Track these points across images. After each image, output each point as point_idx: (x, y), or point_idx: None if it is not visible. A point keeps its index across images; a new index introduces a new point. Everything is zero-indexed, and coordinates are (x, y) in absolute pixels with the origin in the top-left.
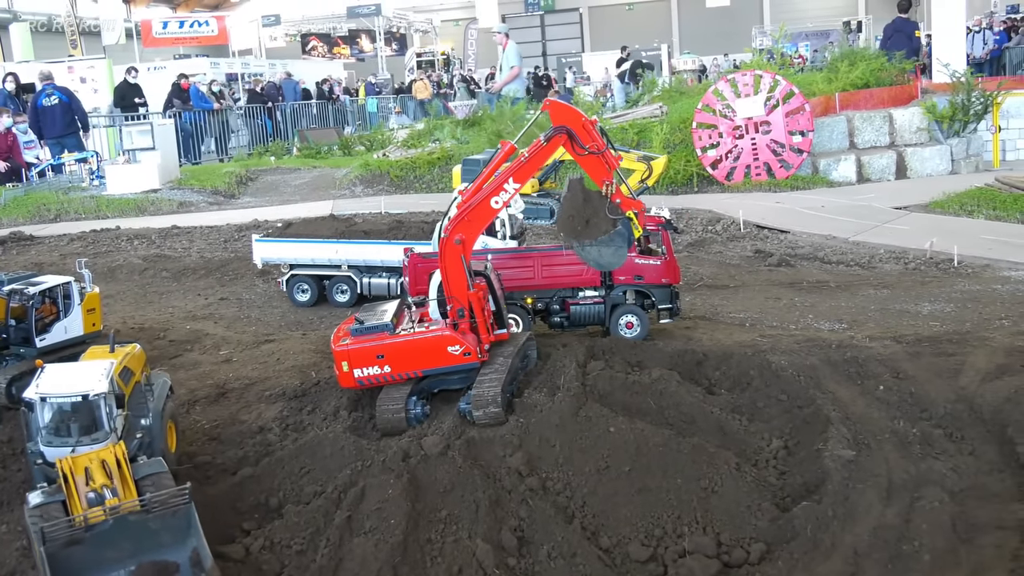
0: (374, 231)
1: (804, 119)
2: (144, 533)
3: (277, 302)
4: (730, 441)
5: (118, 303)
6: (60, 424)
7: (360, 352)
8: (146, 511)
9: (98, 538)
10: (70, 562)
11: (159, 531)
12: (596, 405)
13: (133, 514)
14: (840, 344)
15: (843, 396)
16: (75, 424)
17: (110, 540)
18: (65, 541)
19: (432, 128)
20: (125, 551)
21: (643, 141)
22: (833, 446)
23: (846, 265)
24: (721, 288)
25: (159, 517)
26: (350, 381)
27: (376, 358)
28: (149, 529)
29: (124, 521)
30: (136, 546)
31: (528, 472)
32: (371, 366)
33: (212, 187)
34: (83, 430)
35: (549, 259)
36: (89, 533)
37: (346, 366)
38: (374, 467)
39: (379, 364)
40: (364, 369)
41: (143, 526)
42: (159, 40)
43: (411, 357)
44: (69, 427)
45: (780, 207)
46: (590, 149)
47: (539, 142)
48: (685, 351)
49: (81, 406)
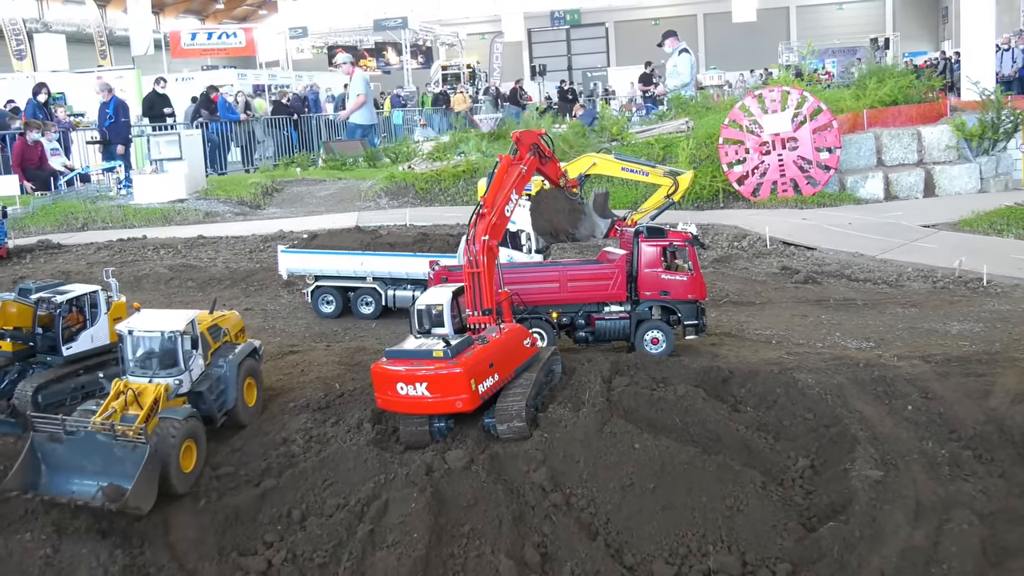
0: (399, 243)
1: (832, 136)
2: (111, 457)
3: (302, 313)
4: (756, 460)
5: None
6: (143, 357)
7: (480, 364)
8: (113, 436)
9: (74, 445)
10: (50, 457)
11: (124, 460)
12: (621, 421)
13: (102, 434)
14: (867, 363)
15: (870, 415)
16: (155, 359)
17: (83, 451)
18: (48, 436)
19: (457, 141)
20: (96, 466)
21: (669, 156)
22: (860, 466)
23: (873, 283)
24: (747, 305)
25: (122, 446)
26: (477, 399)
27: (489, 367)
28: (115, 455)
29: (94, 438)
30: (105, 466)
31: (552, 488)
32: (488, 377)
33: (238, 197)
34: (161, 364)
35: (575, 273)
36: (68, 437)
37: (474, 384)
38: (397, 480)
39: (491, 373)
40: (484, 383)
41: (110, 449)
42: (187, 51)
43: (509, 357)
44: (150, 360)
45: (807, 224)
46: (549, 156)
47: (527, 158)
48: (711, 368)
49: (159, 342)
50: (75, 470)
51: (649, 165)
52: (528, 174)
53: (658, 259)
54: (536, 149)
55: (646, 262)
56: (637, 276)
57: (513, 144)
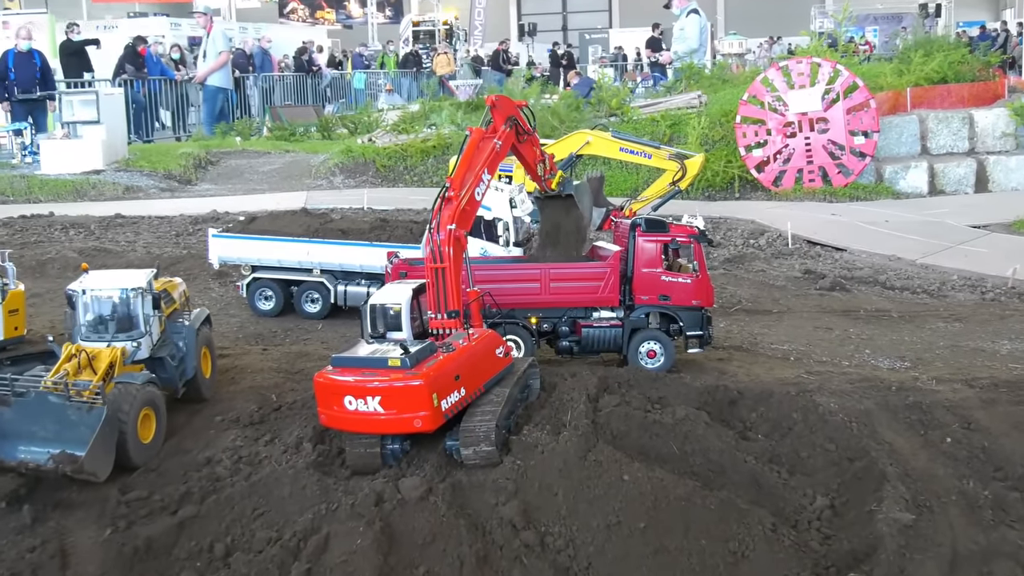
0: (353, 230)
1: (868, 117)
2: (64, 421)
3: (235, 310)
4: (766, 497)
5: (47, 304)
6: (97, 319)
7: (444, 377)
8: (66, 397)
9: (23, 408)
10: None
11: (78, 424)
12: (608, 448)
13: (54, 396)
14: (901, 386)
15: (902, 448)
16: (112, 321)
17: (33, 415)
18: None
19: (429, 111)
20: (47, 432)
21: (677, 136)
22: (888, 507)
23: (912, 292)
24: (762, 314)
25: (77, 409)
26: (440, 418)
27: (455, 380)
28: (69, 419)
29: (45, 400)
30: (58, 431)
31: (524, 524)
32: (453, 392)
33: (165, 170)
34: (118, 326)
35: (559, 272)
36: (17, 399)
37: (437, 400)
38: (341, 511)
39: (457, 387)
40: (449, 398)
41: (63, 413)
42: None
43: (477, 369)
44: (107, 323)
45: (836, 220)
46: (527, 132)
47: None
48: (716, 387)
49: (117, 302)
50: (23, 436)
51: (652, 146)
52: (503, 151)
53: (658, 257)
54: (513, 122)
55: (644, 261)
56: (633, 277)
57: (487, 112)
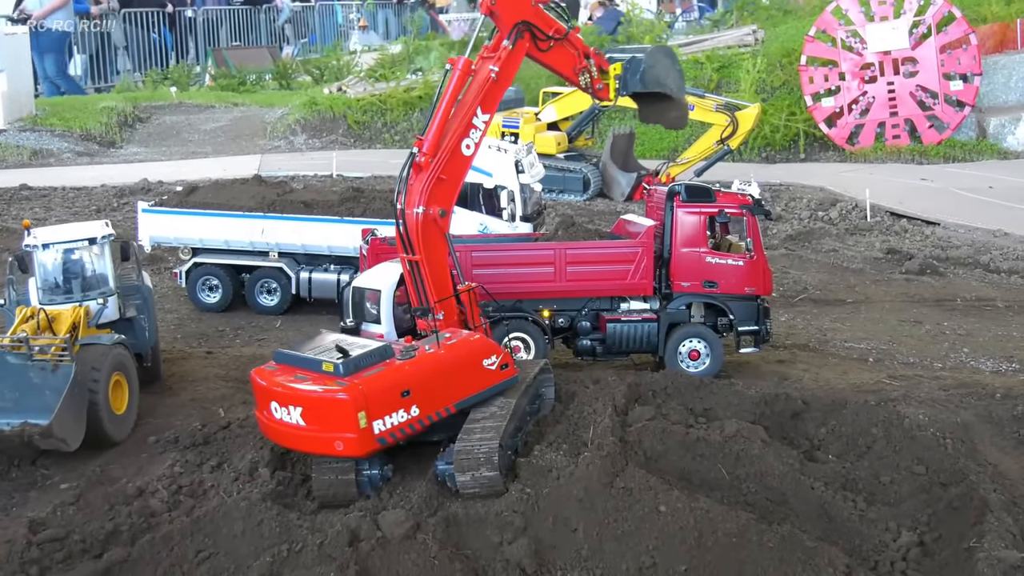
0: (320, 203)
1: (968, 57)
2: (25, 385)
3: (172, 303)
4: (838, 532)
5: None
6: (63, 277)
7: (381, 392)
8: (28, 357)
9: None
10: None
11: (41, 388)
12: (640, 472)
13: (14, 356)
14: (1008, 393)
15: (1009, 470)
16: (78, 278)
17: None
18: None
19: (413, 52)
20: (4, 400)
21: (727, 82)
22: (992, 544)
23: (1022, 276)
24: (835, 304)
25: (40, 368)
26: (369, 443)
27: (401, 396)
28: (31, 381)
29: (3, 362)
30: (17, 398)
31: (536, 569)
32: (395, 411)
33: (82, 129)
34: (86, 283)
35: (578, 253)
36: None
37: (364, 420)
38: (307, 553)
39: (405, 406)
40: (388, 418)
41: (23, 375)
42: None
43: (444, 385)
44: (71, 281)
45: (927, 187)
46: (554, 36)
47: (505, 48)
48: (776, 396)
49: (87, 255)
50: None
51: (696, 94)
52: (505, 76)
53: (702, 234)
54: (527, 29)
55: (684, 238)
56: (671, 258)
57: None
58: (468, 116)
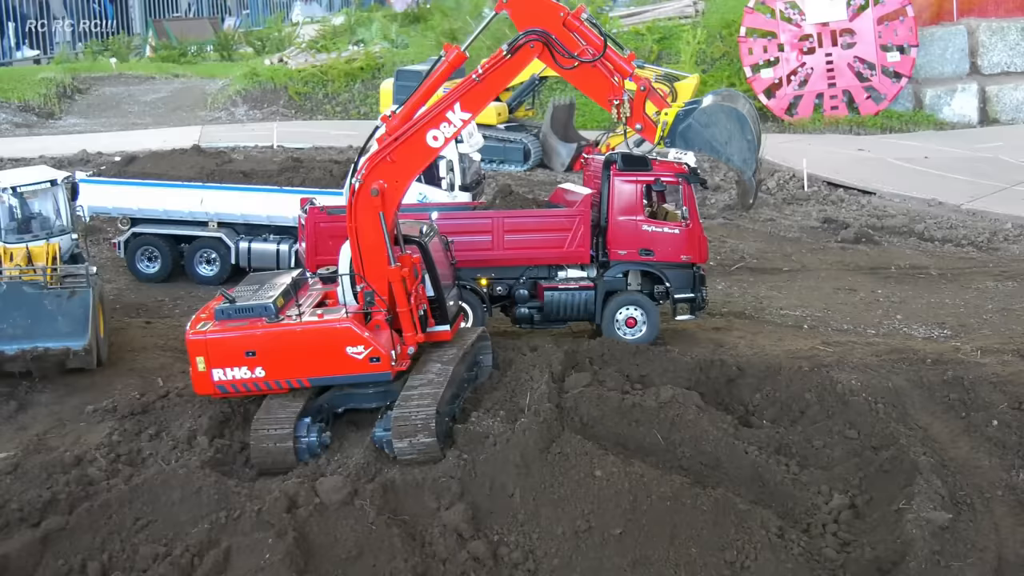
0: (259, 173)
1: (905, 28)
2: (41, 312)
3: (111, 273)
4: (771, 495)
5: None
6: (28, 216)
7: (223, 344)
8: (44, 286)
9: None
10: None
11: (56, 313)
12: (576, 437)
13: (28, 285)
14: (939, 359)
15: (939, 434)
16: (39, 217)
17: (4, 310)
18: None
19: (355, 24)
20: (16, 328)
21: (666, 53)
22: (921, 505)
23: (955, 244)
24: (770, 272)
25: (55, 296)
26: (207, 386)
27: (245, 355)
28: (46, 309)
29: (19, 291)
30: (29, 327)
31: (472, 533)
32: (238, 366)
33: (20, 100)
34: (47, 223)
35: (516, 222)
36: None
37: (202, 364)
38: (245, 520)
39: (249, 364)
40: (228, 370)
41: (39, 303)
42: None
43: (295, 358)
44: (35, 220)
45: (864, 157)
46: (580, 57)
47: (500, 54)
48: (712, 363)
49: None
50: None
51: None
52: (493, 82)
53: (638, 202)
54: (540, 41)
55: (621, 206)
56: (607, 226)
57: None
58: (444, 108)
